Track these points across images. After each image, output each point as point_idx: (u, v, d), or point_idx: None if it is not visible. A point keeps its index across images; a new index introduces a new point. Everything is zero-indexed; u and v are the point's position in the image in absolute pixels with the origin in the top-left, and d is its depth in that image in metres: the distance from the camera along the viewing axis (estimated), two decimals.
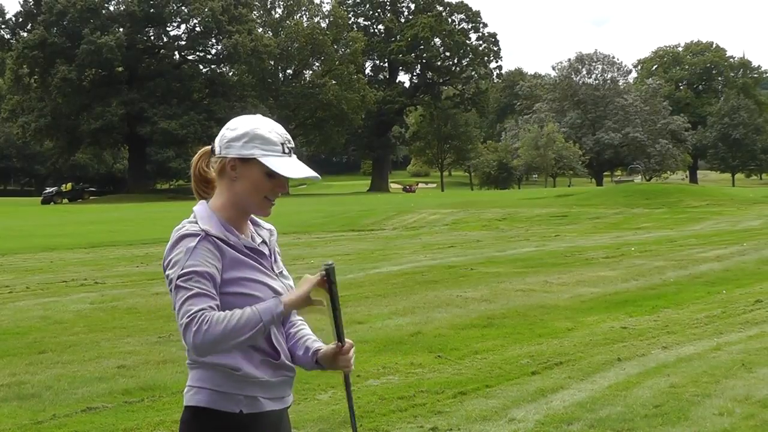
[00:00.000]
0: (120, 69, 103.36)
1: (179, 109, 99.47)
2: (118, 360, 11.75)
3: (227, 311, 3.50)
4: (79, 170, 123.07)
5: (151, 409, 9.44)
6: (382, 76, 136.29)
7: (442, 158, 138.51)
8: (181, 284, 3.50)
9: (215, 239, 3.59)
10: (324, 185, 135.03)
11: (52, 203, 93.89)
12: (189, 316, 3.45)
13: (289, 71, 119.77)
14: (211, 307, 3.48)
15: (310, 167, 3.72)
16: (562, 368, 10.96)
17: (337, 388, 9.89)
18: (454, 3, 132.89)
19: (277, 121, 3.79)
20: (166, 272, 3.58)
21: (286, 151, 3.71)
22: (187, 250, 3.53)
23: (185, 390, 3.74)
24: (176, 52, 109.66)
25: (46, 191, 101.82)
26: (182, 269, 3.51)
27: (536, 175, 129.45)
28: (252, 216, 3.83)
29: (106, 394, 10.03)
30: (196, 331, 3.44)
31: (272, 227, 3.95)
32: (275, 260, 3.85)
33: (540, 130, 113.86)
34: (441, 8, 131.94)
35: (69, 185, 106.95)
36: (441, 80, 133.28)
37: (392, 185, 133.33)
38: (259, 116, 3.79)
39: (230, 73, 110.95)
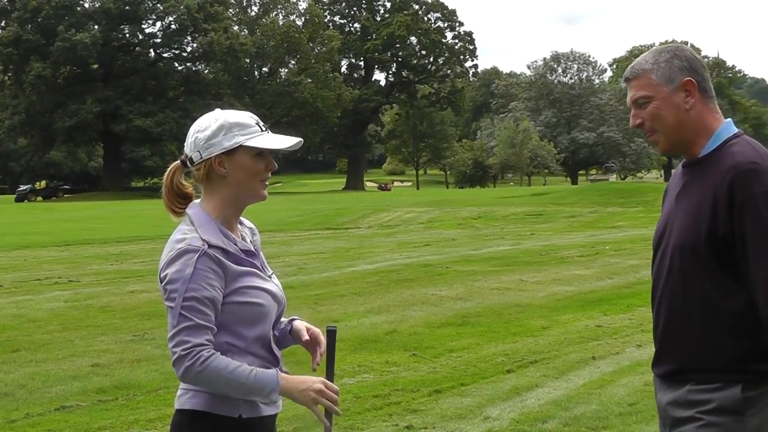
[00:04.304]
0: (95, 66, 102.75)
1: (154, 107, 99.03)
2: (92, 358, 11.72)
3: (228, 361, 3.50)
4: (53, 168, 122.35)
5: (126, 407, 9.42)
6: (357, 75, 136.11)
7: (417, 157, 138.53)
8: (182, 312, 3.48)
9: (216, 253, 3.56)
10: (299, 183, 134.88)
11: (26, 201, 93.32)
12: (185, 350, 3.48)
13: (264, 69, 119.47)
14: (209, 341, 3.50)
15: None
16: (537, 366, 11.00)
17: None
18: (430, 2, 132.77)
19: None
20: (164, 285, 3.56)
21: (263, 129, 3.71)
22: (187, 269, 3.50)
23: (179, 393, 3.71)
24: (151, 50, 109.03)
25: (20, 189, 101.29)
26: (184, 293, 3.48)
27: (511, 174, 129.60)
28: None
29: (80, 393, 10.00)
30: (189, 367, 3.47)
31: (253, 226, 3.94)
32: (263, 261, 3.84)
33: (516, 127, 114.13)
34: (417, 7, 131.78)
35: (43, 183, 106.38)
36: (417, 79, 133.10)
37: (368, 183, 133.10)
38: (218, 110, 3.79)
39: (206, 71, 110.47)
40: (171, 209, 3.77)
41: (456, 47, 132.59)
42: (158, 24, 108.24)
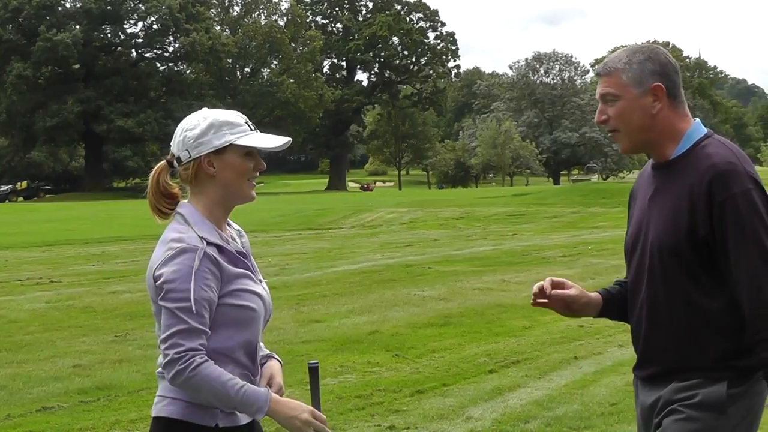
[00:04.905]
0: (76, 66, 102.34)
1: (136, 107, 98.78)
2: (73, 359, 11.68)
3: (219, 372, 3.44)
4: (34, 168, 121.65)
5: (107, 408, 9.39)
6: (339, 75, 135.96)
7: (399, 157, 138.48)
8: (178, 313, 3.42)
9: (214, 254, 3.51)
10: (281, 184, 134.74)
11: (6, 201, 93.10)
12: (178, 353, 3.41)
13: (246, 70, 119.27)
14: (202, 345, 3.44)
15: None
16: (519, 367, 11.01)
17: (294, 387, 9.88)
18: (412, 2, 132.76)
19: None
20: (159, 284, 3.48)
21: (252, 128, 3.68)
22: (186, 269, 3.44)
23: (156, 400, 3.66)
24: (133, 50, 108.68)
25: (1, 189, 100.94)
26: (181, 295, 3.42)
27: (493, 174, 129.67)
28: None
29: (61, 394, 9.97)
30: (180, 371, 3.41)
31: (240, 228, 3.88)
32: (254, 264, 3.79)
33: (498, 128, 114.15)
34: (399, 7, 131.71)
35: (24, 183, 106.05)
36: (399, 79, 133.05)
37: (350, 184, 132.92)
38: (205, 108, 3.74)
39: (188, 72, 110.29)
40: (158, 210, 3.70)
41: (438, 47, 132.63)
42: (140, 24, 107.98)
